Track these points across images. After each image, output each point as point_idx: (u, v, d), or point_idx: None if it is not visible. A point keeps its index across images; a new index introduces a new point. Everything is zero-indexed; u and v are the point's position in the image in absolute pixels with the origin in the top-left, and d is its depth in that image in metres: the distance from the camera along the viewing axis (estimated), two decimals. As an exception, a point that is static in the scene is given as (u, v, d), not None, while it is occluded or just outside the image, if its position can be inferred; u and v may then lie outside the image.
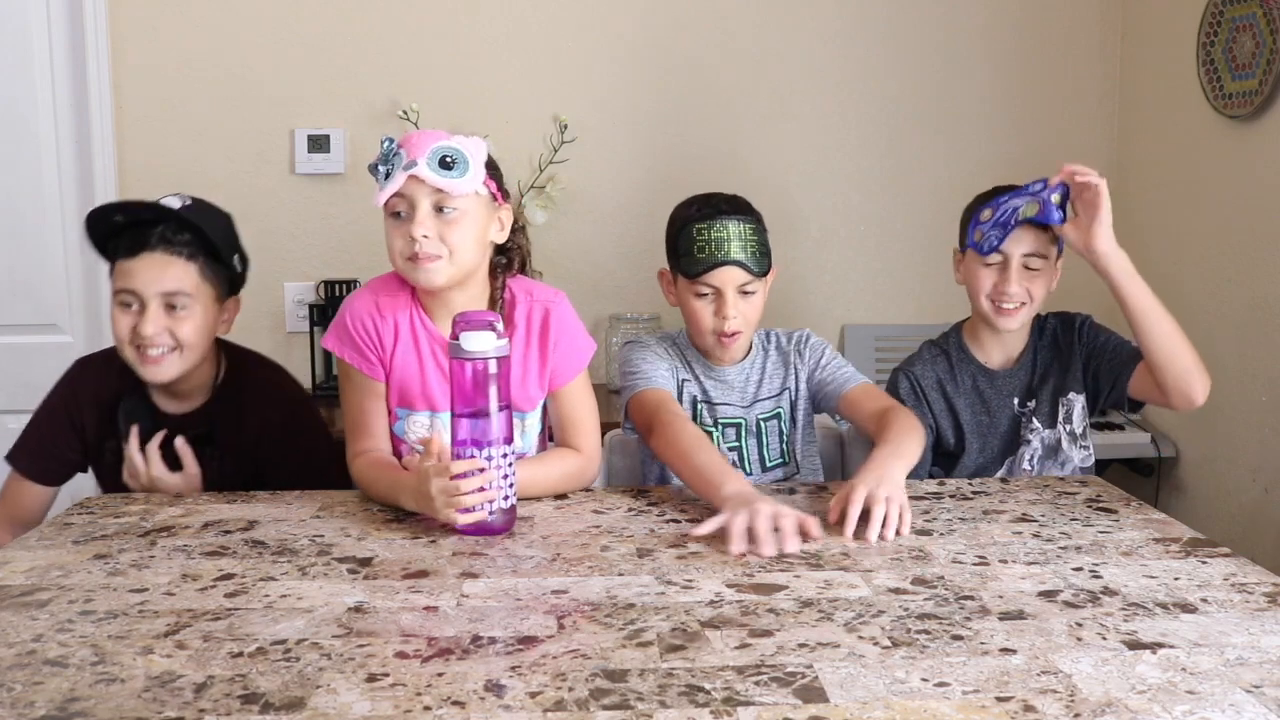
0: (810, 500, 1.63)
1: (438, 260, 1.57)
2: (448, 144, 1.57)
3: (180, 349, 1.71)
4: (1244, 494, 2.49)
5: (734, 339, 1.82)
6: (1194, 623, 1.15)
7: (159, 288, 1.69)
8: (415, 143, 1.57)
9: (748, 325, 1.83)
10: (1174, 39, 2.72)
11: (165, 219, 1.71)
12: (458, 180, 1.56)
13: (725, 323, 1.79)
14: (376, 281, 1.71)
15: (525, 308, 1.69)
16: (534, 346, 1.69)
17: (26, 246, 2.85)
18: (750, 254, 1.78)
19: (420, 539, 1.44)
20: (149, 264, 1.69)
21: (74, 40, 2.80)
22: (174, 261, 1.70)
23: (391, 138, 1.60)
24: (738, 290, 1.79)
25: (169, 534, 1.47)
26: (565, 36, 2.92)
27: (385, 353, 1.66)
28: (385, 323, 1.65)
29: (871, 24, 2.96)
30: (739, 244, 1.77)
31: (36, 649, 1.09)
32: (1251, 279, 2.44)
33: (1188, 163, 2.70)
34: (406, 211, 1.57)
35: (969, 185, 2.00)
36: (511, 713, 0.95)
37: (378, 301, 1.66)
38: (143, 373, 1.72)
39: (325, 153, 2.88)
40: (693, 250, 1.78)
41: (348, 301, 1.70)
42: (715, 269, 1.77)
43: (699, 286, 1.80)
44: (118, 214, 1.73)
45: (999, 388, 1.95)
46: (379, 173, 1.58)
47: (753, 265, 1.78)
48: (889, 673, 1.03)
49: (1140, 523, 1.51)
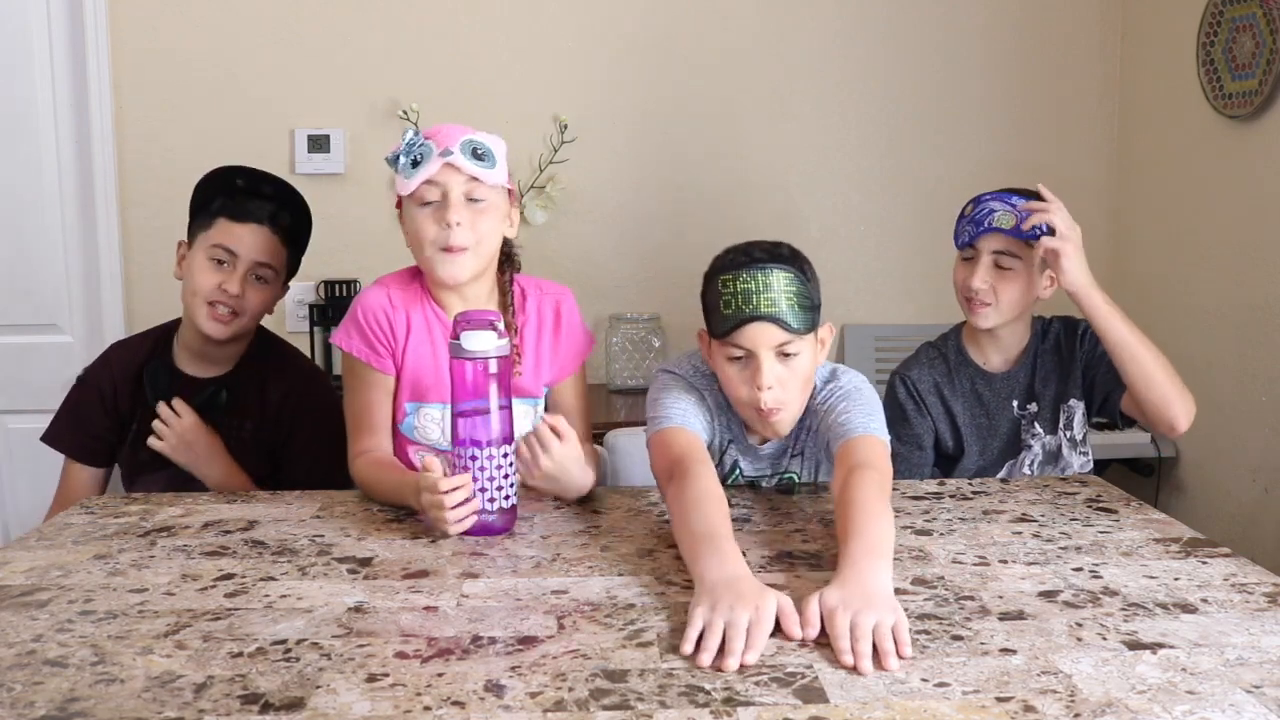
0: (811, 501, 1.63)
1: (464, 252, 1.59)
2: (476, 137, 1.60)
3: (243, 314, 1.85)
4: (1244, 494, 2.49)
5: (775, 415, 1.54)
6: (1194, 623, 1.15)
7: (256, 256, 1.84)
8: (445, 134, 1.59)
9: (791, 396, 1.54)
10: (1174, 39, 2.72)
11: (277, 198, 1.89)
12: (490, 170, 1.59)
13: (760, 395, 1.51)
14: (388, 277, 1.72)
15: (536, 300, 1.73)
16: (547, 335, 1.72)
17: (26, 246, 2.85)
18: (787, 306, 1.50)
19: (420, 539, 1.44)
20: (256, 233, 1.84)
21: (74, 40, 2.81)
22: (274, 239, 1.87)
23: (417, 128, 1.61)
24: (775, 352, 1.51)
25: (169, 534, 1.47)
26: (566, 37, 2.92)
27: (397, 346, 1.66)
28: (398, 315, 1.66)
29: (872, 24, 2.96)
30: (772, 296, 1.49)
31: (36, 649, 1.09)
32: (1251, 279, 2.44)
33: (1187, 163, 2.70)
34: (439, 199, 1.58)
35: (969, 185, 2.01)
36: (511, 713, 0.95)
37: (390, 295, 1.67)
38: (204, 326, 1.83)
39: (325, 153, 2.88)
40: (719, 305, 1.53)
41: (359, 297, 1.71)
42: (743, 326, 1.50)
43: (729, 348, 1.53)
44: (240, 178, 1.89)
45: (997, 390, 1.94)
46: (401, 163, 1.60)
47: (790, 320, 1.49)
48: (889, 673, 1.03)
49: (1140, 523, 1.51)
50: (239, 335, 1.88)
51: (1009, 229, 1.81)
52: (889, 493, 1.41)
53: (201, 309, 1.82)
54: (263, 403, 1.90)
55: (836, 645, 1.07)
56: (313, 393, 1.95)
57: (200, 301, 1.82)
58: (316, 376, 2.03)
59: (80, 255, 2.87)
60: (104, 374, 1.92)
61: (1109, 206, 3.02)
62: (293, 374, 1.95)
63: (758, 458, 1.70)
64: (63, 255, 2.86)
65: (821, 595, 1.14)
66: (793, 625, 1.11)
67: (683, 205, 2.97)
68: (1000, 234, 1.82)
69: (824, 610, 1.12)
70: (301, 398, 1.91)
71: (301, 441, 1.89)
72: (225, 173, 1.90)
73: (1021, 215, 1.80)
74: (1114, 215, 3.01)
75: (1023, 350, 1.95)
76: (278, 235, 1.87)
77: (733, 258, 1.56)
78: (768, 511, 1.57)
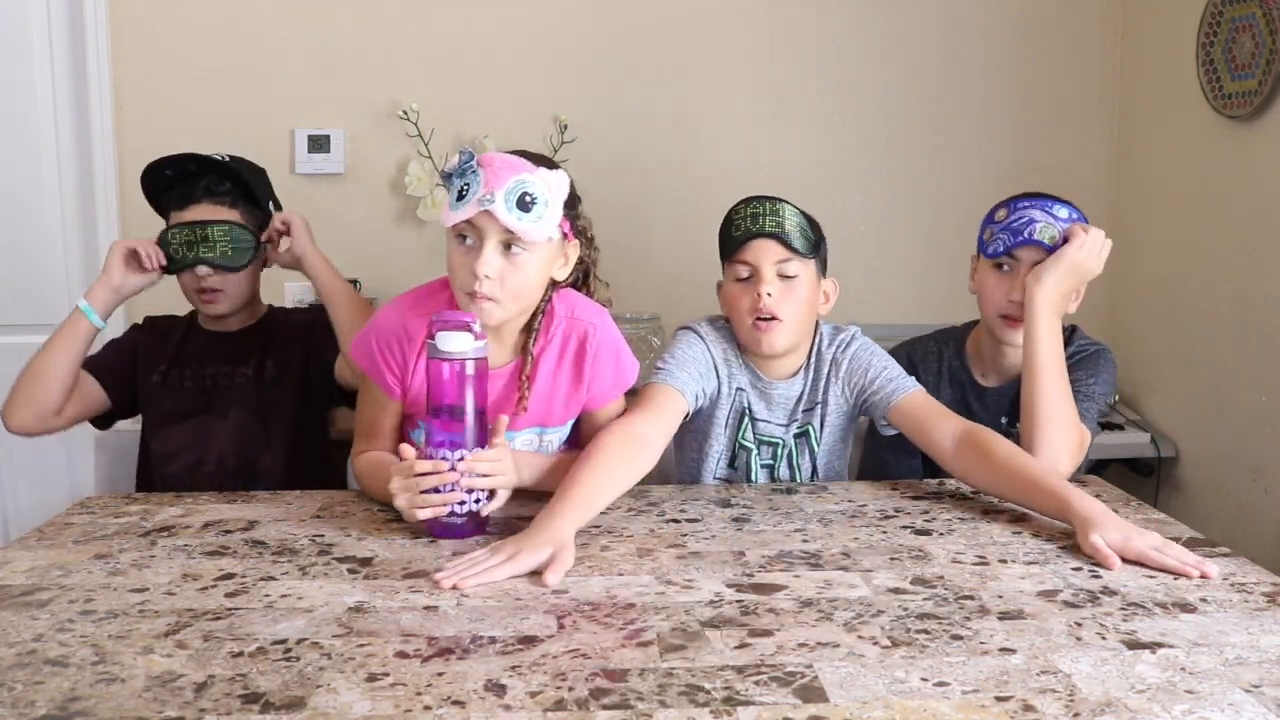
0: (811, 501, 1.63)
1: (491, 302, 1.47)
2: (529, 180, 1.45)
3: (228, 288, 1.93)
4: (1244, 494, 2.49)
5: (770, 325, 1.71)
6: (1193, 622, 1.15)
7: None
8: (496, 171, 1.44)
9: (789, 313, 1.71)
10: (1174, 39, 2.72)
11: (208, 171, 1.92)
12: (533, 225, 1.45)
13: (759, 301, 1.69)
14: (410, 297, 1.61)
15: (564, 326, 1.60)
16: (566, 365, 1.61)
17: (26, 247, 2.85)
18: (791, 228, 1.70)
19: (421, 539, 1.44)
20: (197, 214, 1.90)
21: (74, 40, 2.80)
22: (219, 210, 1.91)
23: (471, 152, 1.47)
24: (775, 268, 1.70)
25: (169, 534, 1.47)
26: (565, 37, 2.92)
27: (408, 373, 1.59)
28: (411, 346, 1.57)
29: (871, 24, 2.96)
30: (777, 219, 1.70)
31: (37, 649, 1.09)
32: (1251, 279, 2.45)
33: (1187, 163, 2.70)
34: (474, 241, 1.46)
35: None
36: (511, 713, 0.95)
37: (406, 325, 1.57)
38: (204, 310, 1.96)
39: (325, 153, 2.88)
40: (730, 230, 1.74)
41: (376, 318, 1.63)
42: (750, 241, 1.71)
43: (737, 268, 1.73)
44: (166, 169, 1.94)
45: (986, 404, 1.89)
46: (452, 186, 1.47)
47: (793, 240, 1.69)
48: (889, 672, 1.03)
49: (1140, 522, 1.51)
50: (240, 304, 1.97)
51: (1051, 244, 1.73)
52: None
53: (194, 298, 1.95)
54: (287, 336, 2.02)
55: (1167, 565, 1.30)
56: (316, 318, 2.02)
57: (190, 293, 1.94)
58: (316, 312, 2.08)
59: (80, 255, 2.86)
60: (143, 327, 2.05)
61: (1108, 206, 3.02)
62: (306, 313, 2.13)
63: (773, 403, 1.79)
64: (62, 255, 2.86)
65: (1101, 538, 1.34)
66: (554, 575, 1.27)
67: (682, 206, 2.96)
68: (1041, 248, 1.74)
69: (1118, 548, 1.33)
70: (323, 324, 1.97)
71: (317, 349, 1.99)
72: (152, 171, 1.95)
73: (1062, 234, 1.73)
74: (1113, 215, 3.01)
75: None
76: (224, 204, 1.92)
77: (746, 198, 1.75)
78: (767, 511, 1.57)
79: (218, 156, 1.94)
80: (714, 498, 1.65)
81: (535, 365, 1.58)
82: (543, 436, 1.66)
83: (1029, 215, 1.76)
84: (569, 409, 1.65)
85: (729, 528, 1.50)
